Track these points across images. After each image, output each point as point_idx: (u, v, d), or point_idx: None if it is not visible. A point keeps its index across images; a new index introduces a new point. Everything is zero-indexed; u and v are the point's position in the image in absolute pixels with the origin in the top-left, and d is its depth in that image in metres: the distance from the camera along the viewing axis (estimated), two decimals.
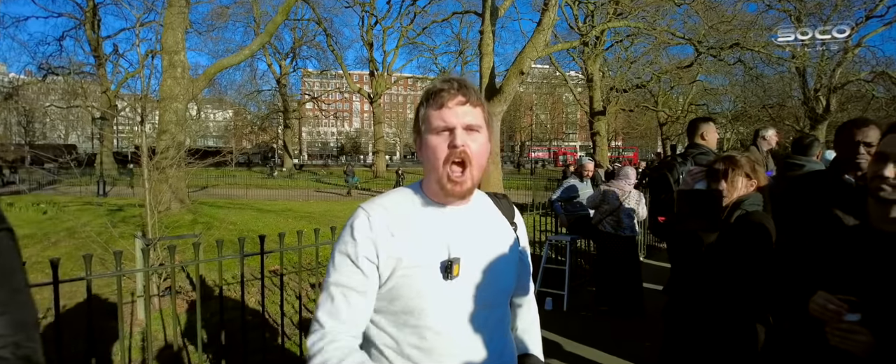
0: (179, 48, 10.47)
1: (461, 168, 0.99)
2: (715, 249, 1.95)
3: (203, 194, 15.49)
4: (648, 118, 35.66)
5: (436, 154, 0.99)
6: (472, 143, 0.99)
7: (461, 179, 0.99)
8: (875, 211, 1.29)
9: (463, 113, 0.99)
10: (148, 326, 2.78)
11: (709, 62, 21.02)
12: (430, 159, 1.01)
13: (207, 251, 5.09)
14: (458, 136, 0.98)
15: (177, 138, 7.77)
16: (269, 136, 48.02)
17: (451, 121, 0.98)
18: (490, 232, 1.09)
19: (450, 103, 0.99)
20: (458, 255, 1.00)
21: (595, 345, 3.86)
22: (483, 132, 1.02)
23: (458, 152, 0.97)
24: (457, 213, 1.06)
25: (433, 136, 1.00)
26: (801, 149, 3.57)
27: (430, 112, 1.00)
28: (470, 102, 1.00)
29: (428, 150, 1.01)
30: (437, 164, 0.99)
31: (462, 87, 1.01)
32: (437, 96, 1.00)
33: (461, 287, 1.00)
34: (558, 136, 58.96)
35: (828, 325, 1.23)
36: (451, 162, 0.98)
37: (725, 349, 1.96)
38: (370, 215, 1.00)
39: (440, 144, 0.99)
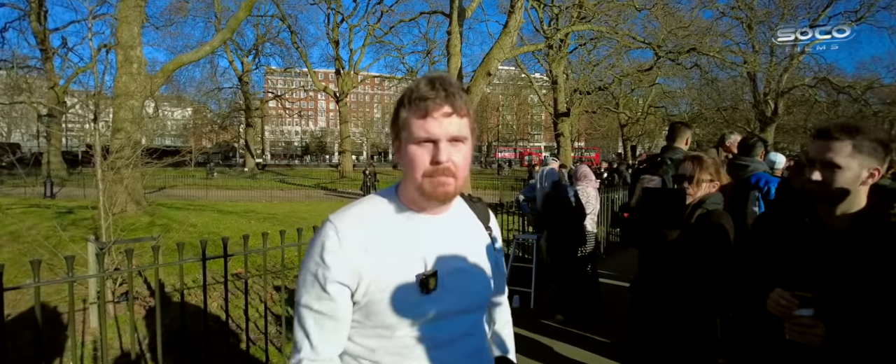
0: (135, 43, 10.03)
1: (447, 177, 0.93)
2: (677, 246, 2.04)
3: (161, 195, 14.89)
4: (610, 120, 36.69)
5: (415, 166, 0.93)
6: (457, 156, 0.93)
7: (445, 181, 0.93)
8: (823, 211, 1.40)
9: (448, 124, 0.92)
10: (102, 334, 2.65)
11: (667, 66, 21.82)
12: (409, 169, 0.95)
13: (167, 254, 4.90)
14: (442, 150, 0.91)
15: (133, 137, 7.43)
16: (230, 135, 46.65)
17: (435, 133, 0.91)
18: (466, 240, 1.06)
19: (435, 114, 0.91)
20: (435, 267, 0.97)
21: (563, 340, 3.95)
22: (468, 143, 0.97)
23: (441, 169, 0.92)
24: (433, 222, 1.01)
25: (415, 146, 0.93)
26: (746, 150, 3.76)
27: (413, 120, 0.93)
28: (457, 112, 0.93)
29: (408, 159, 0.95)
30: (417, 175, 0.94)
31: (449, 97, 0.93)
32: (421, 104, 0.92)
33: (438, 299, 0.97)
34: (524, 137, 59.81)
35: (785, 321, 1.31)
36: (433, 176, 0.93)
37: (687, 342, 2.05)
38: (340, 231, 0.94)
39: (422, 156, 0.93)
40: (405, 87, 0.98)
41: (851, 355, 1.26)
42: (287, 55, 32.75)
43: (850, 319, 1.26)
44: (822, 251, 1.36)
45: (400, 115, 0.96)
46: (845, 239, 1.34)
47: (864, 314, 1.26)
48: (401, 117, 0.96)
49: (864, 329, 1.25)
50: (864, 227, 1.33)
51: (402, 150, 0.97)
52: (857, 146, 1.31)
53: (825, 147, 1.34)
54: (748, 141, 3.86)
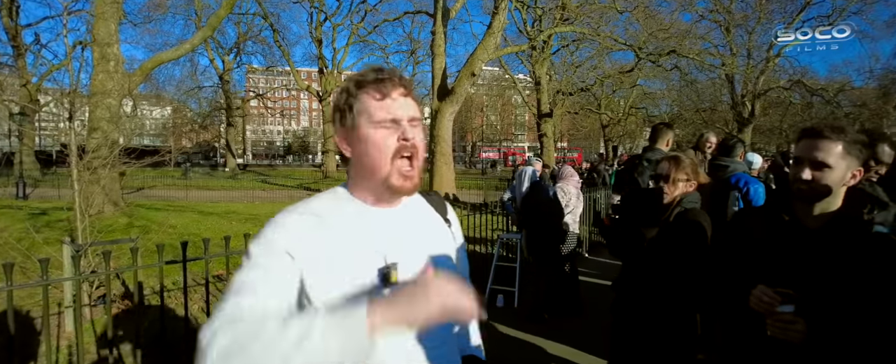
0: (112, 40, 9.80)
1: (409, 162, 0.93)
2: (656, 245, 2.08)
3: (139, 196, 14.57)
4: (592, 120, 37.08)
5: (381, 149, 0.91)
6: (418, 136, 0.94)
7: (411, 174, 0.94)
8: (801, 210, 1.43)
9: (407, 105, 0.94)
10: (79, 338, 2.60)
11: (648, 67, 22.17)
12: (372, 155, 0.92)
13: (146, 256, 4.81)
14: (407, 129, 0.92)
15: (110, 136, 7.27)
16: (210, 134, 45.84)
17: (398, 113, 0.92)
18: (426, 232, 1.03)
19: (394, 94, 0.92)
20: (395, 259, 0.92)
21: (547, 337, 3.99)
22: (421, 125, 0.97)
23: (408, 146, 0.92)
24: (390, 214, 0.99)
25: (377, 129, 0.91)
26: (726, 150, 3.86)
27: (371, 103, 0.92)
28: (410, 95, 0.96)
29: (369, 145, 0.92)
30: (384, 160, 0.92)
31: (401, 77, 0.95)
32: (380, 86, 0.92)
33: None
34: (508, 137, 60.09)
35: (767, 317, 1.34)
36: (400, 156, 0.92)
37: (667, 338, 2.10)
38: (297, 217, 0.91)
39: (387, 138, 0.91)
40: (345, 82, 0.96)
41: (830, 350, 1.30)
42: (269, 54, 32.37)
43: (827, 315, 1.30)
44: (799, 248, 1.39)
45: (351, 104, 0.93)
46: (821, 237, 1.37)
47: (840, 310, 1.30)
48: (355, 105, 0.93)
49: (841, 325, 1.29)
50: (840, 226, 1.37)
51: (357, 137, 0.93)
52: (846, 147, 1.33)
53: (815, 146, 1.35)
54: (728, 142, 3.96)
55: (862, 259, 1.30)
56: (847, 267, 1.31)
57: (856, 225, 1.36)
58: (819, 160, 1.34)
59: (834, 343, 1.29)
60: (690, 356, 2.12)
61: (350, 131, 0.94)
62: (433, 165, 15.58)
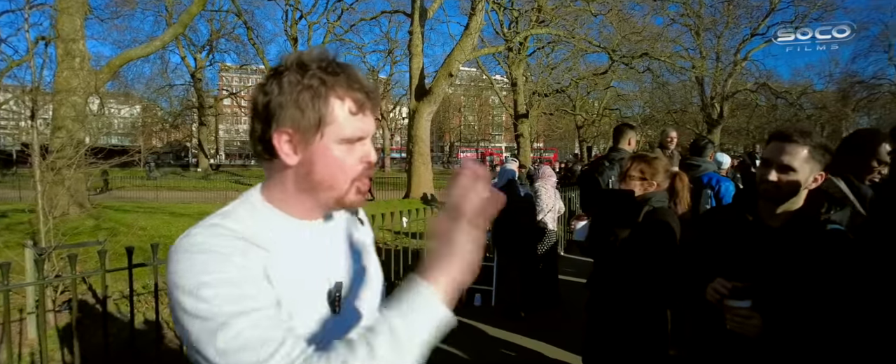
0: (78, 36, 9.47)
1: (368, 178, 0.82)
2: (626, 243, 2.13)
3: (107, 197, 14.11)
4: (567, 121, 37.59)
5: (345, 170, 0.78)
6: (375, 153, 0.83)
7: (367, 188, 0.83)
8: (764, 209, 1.49)
9: (373, 120, 0.81)
10: (43, 345, 2.52)
11: (621, 69, 22.60)
12: (331, 174, 0.78)
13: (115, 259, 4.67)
14: (371, 149, 0.81)
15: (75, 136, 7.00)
16: (182, 133, 44.65)
17: (367, 130, 0.80)
18: (354, 239, 0.93)
19: (369, 111, 0.79)
20: (339, 278, 0.82)
21: (524, 334, 4.04)
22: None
23: (370, 169, 0.81)
24: (320, 228, 0.85)
25: (344, 145, 0.78)
26: (697, 150, 4.01)
27: (342, 114, 0.76)
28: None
29: (331, 162, 0.77)
30: (345, 180, 0.79)
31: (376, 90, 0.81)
32: (357, 96, 0.77)
33: (347, 314, 0.83)
34: (485, 138, 60.39)
35: (726, 312, 1.38)
36: (363, 178, 0.80)
37: (639, 334, 2.15)
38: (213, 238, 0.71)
39: (350, 158, 0.78)
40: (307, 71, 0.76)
41: (784, 344, 1.35)
42: (243, 52, 31.73)
43: (783, 310, 1.35)
44: (760, 246, 1.45)
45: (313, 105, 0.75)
46: (781, 235, 1.43)
47: (796, 304, 1.35)
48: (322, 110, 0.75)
49: (796, 319, 1.34)
50: (799, 225, 1.42)
51: (316, 150, 0.77)
52: (812, 152, 1.38)
53: (783, 150, 1.40)
54: (699, 143, 4.11)
55: (816, 254, 1.37)
56: (803, 262, 1.38)
57: (813, 223, 1.43)
58: (785, 163, 1.39)
59: (788, 336, 1.35)
60: (662, 352, 2.18)
61: (305, 136, 0.76)
62: (411, 165, 15.56)
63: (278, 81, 0.75)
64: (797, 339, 1.35)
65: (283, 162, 0.78)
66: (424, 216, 5.01)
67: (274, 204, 0.81)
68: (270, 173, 0.82)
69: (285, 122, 0.75)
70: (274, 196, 0.81)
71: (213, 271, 0.67)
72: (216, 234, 0.72)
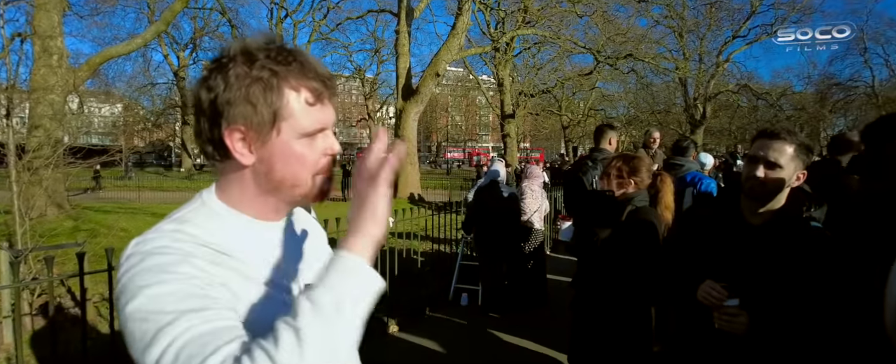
0: (55, 33, 9.25)
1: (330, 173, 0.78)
2: (610, 242, 2.16)
3: (87, 198, 13.81)
4: (553, 121, 37.87)
5: (304, 163, 0.73)
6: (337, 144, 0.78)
7: (329, 187, 0.78)
8: (746, 207, 1.51)
9: (333, 110, 0.76)
10: (18, 350, 2.45)
11: (606, 70, 22.87)
12: (292, 171, 0.73)
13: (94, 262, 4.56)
14: (334, 140, 0.76)
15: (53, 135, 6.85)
16: (165, 133, 43.93)
17: (328, 120, 0.74)
18: (315, 239, 0.89)
19: (326, 99, 0.74)
20: (308, 280, 0.72)
21: (511, 333, 4.05)
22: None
23: (336, 161, 0.78)
24: (283, 228, 0.81)
25: (304, 139, 0.72)
26: (680, 151, 4.07)
27: (299, 106, 0.71)
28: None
29: (291, 159, 0.72)
30: (306, 176, 0.74)
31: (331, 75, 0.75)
32: (314, 85, 0.71)
33: None
34: (472, 138, 60.51)
35: (714, 311, 1.40)
36: (325, 171, 0.76)
37: (624, 332, 2.18)
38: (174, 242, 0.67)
39: (312, 152, 0.73)
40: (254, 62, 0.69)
41: (770, 340, 1.38)
42: None
43: (768, 307, 1.37)
44: (742, 243, 1.47)
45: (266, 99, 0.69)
46: (763, 233, 1.45)
47: (780, 301, 1.38)
48: (276, 103, 0.69)
49: (781, 315, 1.37)
50: (780, 222, 1.45)
51: (274, 147, 0.71)
52: (797, 150, 1.41)
53: (770, 147, 1.42)
54: (681, 143, 4.17)
55: (799, 252, 1.39)
56: (785, 259, 1.40)
57: (794, 221, 1.45)
58: (772, 160, 1.41)
59: (774, 332, 1.37)
60: (646, 348, 2.21)
61: (260, 133, 0.70)
62: None
63: (224, 75, 0.69)
64: (782, 334, 1.37)
65: (239, 162, 0.72)
66: (412, 216, 5.00)
67: (233, 206, 0.75)
68: (225, 174, 0.76)
69: (237, 120, 0.69)
70: (232, 198, 0.76)
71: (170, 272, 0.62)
72: (176, 240, 0.67)
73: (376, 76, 36.15)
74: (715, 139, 34.37)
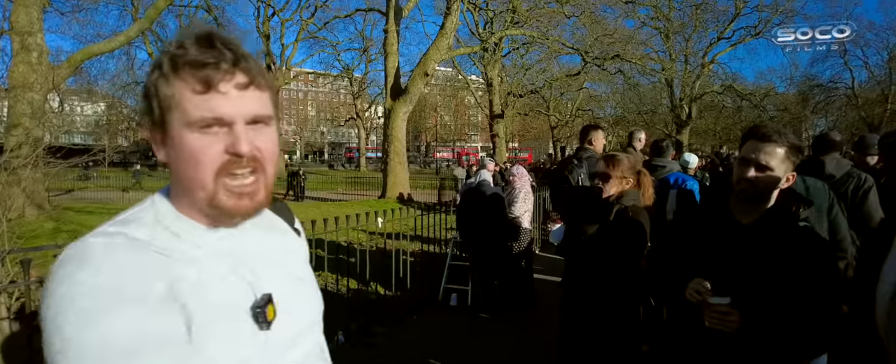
0: (35, 29, 9.05)
1: (252, 174, 0.68)
2: (598, 241, 2.16)
3: (69, 199, 13.53)
4: (541, 122, 38.09)
5: (198, 162, 0.64)
6: (263, 144, 0.68)
7: (252, 189, 0.68)
8: (737, 207, 1.51)
9: (245, 100, 0.65)
10: None
11: (594, 71, 23.05)
12: (186, 169, 0.65)
13: None
14: (241, 137, 0.65)
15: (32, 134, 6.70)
16: None
17: (227, 112, 0.64)
18: (286, 250, 0.82)
19: (222, 85, 0.64)
20: (268, 289, 0.70)
21: (500, 333, 4.05)
22: (273, 124, 0.70)
23: (243, 162, 0.66)
24: (243, 234, 0.73)
25: (193, 133, 0.64)
26: (659, 151, 4.11)
27: (187, 95, 0.63)
28: (256, 84, 0.67)
29: (183, 154, 0.65)
30: (203, 176, 0.65)
31: (240, 59, 0.65)
32: (199, 71, 0.63)
33: (280, 331, 0.71)
34: (461, 137, 60.59)
35: (704, 309, 1.40)
36: (228, 173, 0.66)
37: (612, 331, 2.18)
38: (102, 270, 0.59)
39: (209, 147, 0.64)
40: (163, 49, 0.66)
41: (762, 338, 1.38)
42: None
43: (760, 305, 1.38)
44: (732, 242, 1.47)
45: (158, 90, 0.64)
46: (753, 232, 1.46)
47: (771, 299, 1.38)
48: (162, 93, 0.64)
49: (772, 313, 1.37)
50: (770, 222, 1.46)
51: (168, 140, 0.66)
52: (787, 152, 1.40)
53: (761, 149, 1.41)
54: (660, 143, 4.21)
55: (788, 250, 1.40)
56: (775, 258, 1.41)
57: (784, 220, 1.46)
58: (763, 163, 1.41)
59: (766, 330, 1.38)
60: (635, 347, 2.21)
61: (160, 127, 0.66)
62: (387, 165, 15.46)
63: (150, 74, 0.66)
64: (774, 332, 1.38)
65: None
66: (401, 216, 4.98)
67: (178, 209, 0.70)
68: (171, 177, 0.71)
69: (144, 115, 0.67)
70: (175, 200, 0.70)
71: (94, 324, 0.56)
72: (113, 248, 0.61)
73: (365, 75, 36.00)
74: (700, 139, 34.82)
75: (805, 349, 1.39)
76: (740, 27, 26.25)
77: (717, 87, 27.45)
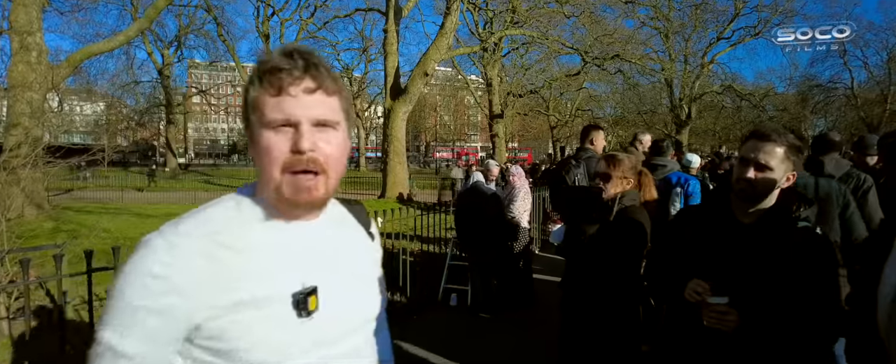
0: (34, 28, 9.05)
1: (312, 174, 0.74)
2: (598, 240, 2.15)
3: (68, 198, 13.53)
4: (541, 122, 38.09)
5: (271, 157, 0.73)
6: (326, 146, 0.75)
7: (311, 184, 0.74)
8: (737, 207, 1.51)
9: (312, 103, 0.73)
10: None
11: (593, 71, 23.05)
12: (262, 162, 0.75)
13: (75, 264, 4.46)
14: (304, 136, 0.72)
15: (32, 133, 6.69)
16: (149, 132, 43.23)
17: (294, 113, 0.72)
18: (349, 247, 0.87)
19: (292, 89, 0.72)
20: (315, 282, 0.76)
21: (500, 333, 4.05)
22: (340, 129, 0.77)
23: (304, 160, 0.73)
24: (306, 228, 0.81)
25: (268, 132, 0.73)
26: (659, 151, 4.11)
27: (265, 98, 0.73)
28: (323, 88, 0.74)
29: (259, 149, 0.74)
30: (273, 169, 0.73)
31: (310, 67, 0.73)
32: (274, 77, 0.72)
33: (320, 322, 0.76)
34: (461, 137, 60.60)
35: (703, 308, 1.40)
36: (292, 170, 0.73)
37: (612, 331, 2.18)
38: (171, 242, 0.71)
39: (278, 145, 0.73)
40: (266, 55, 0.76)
41: (760, 338, 1.38)
42: (213, 48, 30.87)
43: (758, 304, 1.38)
44: (732, 242, 1.47)
45: (248, 95, 0.75)
46: (754, 231, 1.46)
47: (770, 298, 1.38)
48: (249, 97, 0.75)
49: (771, 312, 1.37)
50: (771, 222, 1.45)
51: (252, 137, 0.76)
52: (787, 151, 1.40)
53: (761, 148, 1.41)
54: (660, 143, 4.21)
55: (788, 250, 1.40)
56: (775, 258, 1.41)
57: (784, 219, 1.46)
58: (762, 162, 1.41)
59: (765, 330, 1.38)
60: (634, 346, 2.21)
61: (249, 130, 0.77)
62: (387, 165, 15.46)
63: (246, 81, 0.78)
64: (773, 332, 1.38)
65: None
66: (401, 216, 4.97)
67: (259, 200, 0.79)
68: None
69: (243, 121, 0.78)
70: (259, 192, 0.80)
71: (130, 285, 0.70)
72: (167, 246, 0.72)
73: (364, 75, 35.99)
74: (700, 139, 34.85)
75: (804, 349, 1.39)
76: (740, 27, 26.30)
77: (716, 88, 27.44)
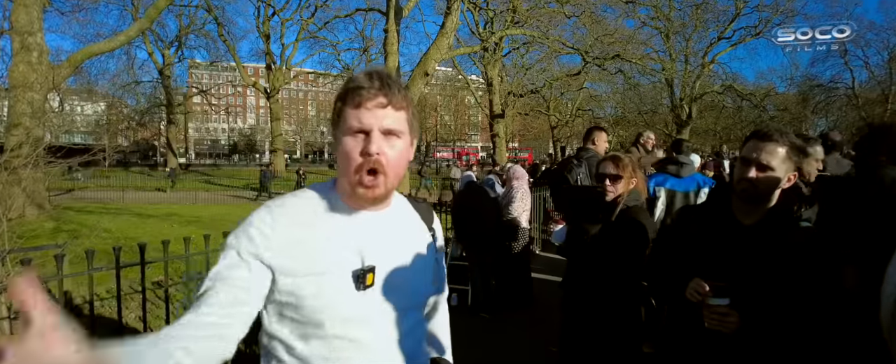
0: (35, 29, 9.05)
1: (373, 175, 0.91)
2: (601, 240, 2.15)
3: (69, 198, 13.54)
4: (541, 121, 38.05)
5: (348, 158, 0.91)
6: (390, 150, 0.91)
7: (373, 184, 0.91)
8: (738, 207, 1.51)
9: (382, 116, 0.91)
10: None
11: (594, 71, 23.03)
12: (342, 162, 0.93)
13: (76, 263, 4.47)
14: (373, 141, 0.89)
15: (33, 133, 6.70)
16: (149, 132, 43.27)
17: (367, 122, 0.90)
18: (408, 238, 1.04)
19: (368, 104, 0.90)
20: (373, 262, 0.94)
21: (500, 333, 4.04)
22: (404, 138, 0.95)
23: (371, 161, 0.89)
24: (372, 217, 0.99)
25: (348, 137, 0.91)
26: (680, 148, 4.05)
27: (347, 110, 0.91)
28: (393, 104, 0.91)
29: (341, 151, 0.93)
30: (349, 168, 0.91)
31: (384, 87, 0.91)
32: (356, 93, 0.90)
33: (375, 297, 0.94)
34: (461, 137, 60.56)
35: (704, 309, 1.40)
36: (363, 170, 0.90)
37: (613, 331, 2.18)
38: (273, 213, 0.92)
39: (354, 148, 0.90)
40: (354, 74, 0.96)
41: (761, 339, 1.38)
42: (213, 48, 30.91)
43: (760, 305, 1.37)
44: (734, 242, 1.47)
45: (338, 107, 0.94)
46: (755, 232, 1.45)
47: (771, 299, 1.38)
48: (337, 109, 0.94)
49: (772, 313, 1.37)
50: (772, 221, 1.45)
51: (337, 141, 0.95)
52: (789, 152, 1.40)
53: (762, 149, 1.41)
54: (684, 141, 4.14)
55: (789, 250, 1.40)
56: (776, 258, 1.40)
57: (785, 220, 1.46)
58: (764, 162, 1.40)
59: (765, 331, 1.37)
60: (635, 346, 2.21)
61: (335, 133, 0.96)
62: None
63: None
64: (773, 333, 1.37)
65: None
66: None
67: (337, 192, 0.99)
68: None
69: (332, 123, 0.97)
70: (337, 186, 0.99)
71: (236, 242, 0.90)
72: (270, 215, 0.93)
73: None
74: (700, 139, 34.80)
75: (804, 349, 1.39)
76: (740, 27, 26.24)
77: (717, 87, 27.39)
